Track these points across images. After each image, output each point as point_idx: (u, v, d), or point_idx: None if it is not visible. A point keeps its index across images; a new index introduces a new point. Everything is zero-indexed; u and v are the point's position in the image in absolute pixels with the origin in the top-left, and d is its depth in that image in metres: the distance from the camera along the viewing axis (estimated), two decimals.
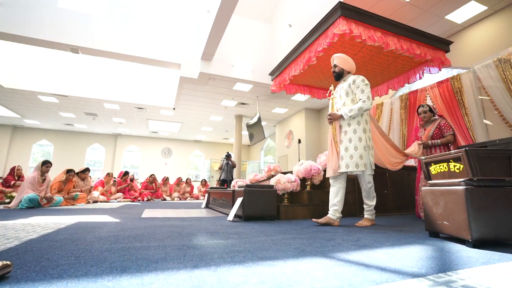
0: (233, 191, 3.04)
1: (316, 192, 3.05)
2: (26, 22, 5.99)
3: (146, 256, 1.14)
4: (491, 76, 4.44)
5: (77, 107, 10.40)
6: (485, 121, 4.31)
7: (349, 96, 2.44)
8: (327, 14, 3.88)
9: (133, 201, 6.69)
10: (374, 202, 2.46)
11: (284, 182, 2.96)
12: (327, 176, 2.50)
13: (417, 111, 3.29)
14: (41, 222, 2.31)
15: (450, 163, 1.59)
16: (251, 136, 9.95)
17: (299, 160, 9.19)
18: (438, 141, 2.95)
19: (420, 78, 4.99)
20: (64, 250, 1.23)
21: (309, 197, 2.97)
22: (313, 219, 2.47)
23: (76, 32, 6.29)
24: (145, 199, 7.02)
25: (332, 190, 2.47)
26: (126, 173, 7.35)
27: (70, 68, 8.61)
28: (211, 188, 4.73)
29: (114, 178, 7.15)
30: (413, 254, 1.23)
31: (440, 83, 5.16)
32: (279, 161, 12.29)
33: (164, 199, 7.56)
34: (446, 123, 3.04)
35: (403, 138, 5.80)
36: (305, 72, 4.99)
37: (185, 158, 16.81)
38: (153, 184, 7.51)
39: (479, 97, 4.47)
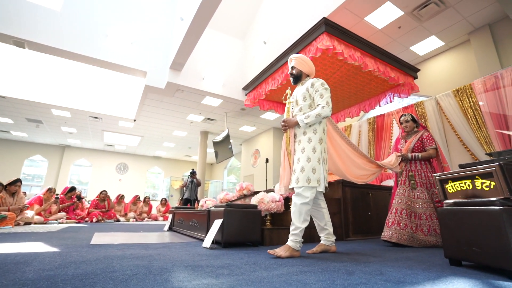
0: (209, 211, 2.59)
1: None
2: None
3: None
4: (451, 105, 4.74)
5: (17, 111, 8.99)
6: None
7: (306, 100, 2.16)
8: (310, 29, 3.82)
9: (79, 222, 5.68)
10: (332, 228, 2.18)
11: (268, 202, 2.61)
12: (280, 193, 2.18)
13: (399, 120, 3.06)
14: None
15: (475, 180, 1.41)
16: (217, 154, 9.47)
17: (266, 180, 8.92)
18: (419, 154, 2.72)
19: (391, 101, 5.17)
20: None
21: None
22: (270, 252, 1.93)
23: (24, 24, 5.46)
24: (94, 219, 6.01)
25: (319, 214, 2.17)
26: (73, 189, 6.31)
27: (12, 64, 7.45)
28: (177, 208, 4.16)
29: (57, 194, 6.08)
30: None
31: (405, 109, 5.41)
32: (244, 180, 11.90)
33: (118, 220, 6.59)
34: (429, 136, 2.81)
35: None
36: (283, 87, 4.85)
37: (142, 175, 15.51)
38: (105, 203, 6.53)
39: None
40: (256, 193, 4.70)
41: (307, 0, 5.80)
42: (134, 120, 9.50)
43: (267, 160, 10.29)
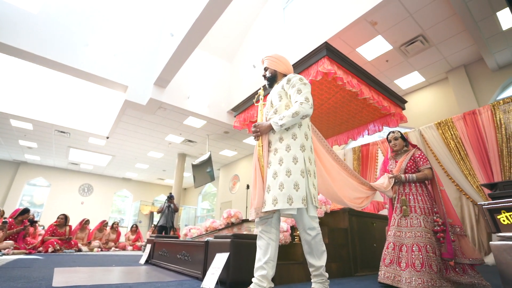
0: (207, 242, 2.19)
1: None
2: None
3: None
4: (434, 137, 4.89)
5: None
6: None
7: (282, 100, 1.79)
8: (311, 52, 3.79)
9: (30, 253, 4.78)
10: (323, 261, 1.60)
11: None
12: (250, 219, 1.67)
13: (387, 138, 2.71)
14: None
15: None
16: (195, 178, 8.92)
17: (246, 207, 8.50)
18: (414, 175, 2.35)
19: (380, 130, 5.24)
20: None
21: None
22: None
23: None
24: (51, 249, 5.09)
25: (260, 244, 1.60)
26: (25, 211, 5.39)
27: None
28: (157, 236, 3.63)
29: (5, 218, 5.16)
30: None
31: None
32: (221, 207, 11.31)
33: (79, 250, 5.68)
34: (422, 154, 2.47)
35: None
36: None
37: (108, 198, 14.21)
38: (65, 229, 5.62)
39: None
40: (244, 221, 4.32)
41: (302, 27, 5.94)
42: (107, 138, 8.79)
43: (247, 187, 9.91)
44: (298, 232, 2.59)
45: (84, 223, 6.50)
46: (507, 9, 4.00)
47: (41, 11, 5.47)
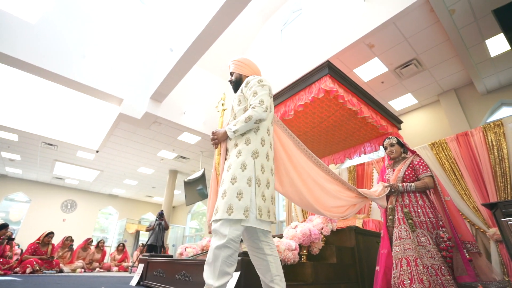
0: None
1: (319, 264, 2.33)
2: None
3: None
4: (429, 157, 4.95)
5: None
6: None
7: (241, 104, 1.67)
8: (313, 70, 3.86)
9: (5, 274, 4.38)
10: (222, 282, 1.28)
11: (285, 250, 2.18)
12: (208, 232, 1.52)
13: (383, 145, 2.53)
14: None
15: None
16: (187, 195, 8.64)
17: None
18: (413, 184, 2.11)
19: (376, 150, 5.28)
20: None
21: (315, 271, 2.22)
22: None
23: None
24: (29, 270, 4.68)
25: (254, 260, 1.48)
26: (4, 226, 5.01)
27: None
28: (152, 255, 3.41)
29: None
30: None
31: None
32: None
33: (61, 271, 5.24)
34: (422, 161, 2.25)
35: None
36: None
37: (92, 215, 13.55)
38: (48, 247, 5.21)
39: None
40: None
41: (300, 48, 6.10)
42: (97, 151, 8.51)
43: None
44: (304, 251, 2.48)
45: (66, 240, 6.08)
46: (496, 37, 4.25)
47: (40, 21, 5.43)
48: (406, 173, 2.21)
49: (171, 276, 2.56)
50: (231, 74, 1.90)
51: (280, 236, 2.57)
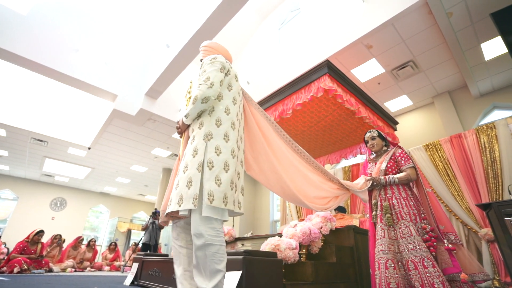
0: None
1: (319, 264, 2.31)
2: None
3: None
4: (423, 158, 5.02)
5: None
6: None
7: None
8: (312, 69, 3.85)
9: None
10: (212, 284, 1.18)
11: (285, 249, 2.15)
12: (160, 222, 1.47)
13: (364, 139, 2.47)
14: None
15: None
16: None
17: (233, 225, 8.20)
18: (395, 177, 2.06)
19: None
20: None
21: (315, 270, 2.20)
22: None
23: None
24: (16, 269, 4.52)
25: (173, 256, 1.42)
26: None
27: None
28: (146, 254, 3.34)
29: None
30: None
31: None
32: None
33: (50, 270, 5.09)
34: (403, 152, 2.20)
35: (347, 208, 5.82)
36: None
37: (83, 213, 13.28)
38: (37, 246, 5.04)
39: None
40: (238, 239, 4.11)
41: (299, 48, 6.09)
42: (89, 148, 8.34)
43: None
44: (304, 251, 2.47)
45: (55, 239, 5.91)
46: (491, 41, 4.32)
47: (31, 12, 5.27)
48: (388, 165, 2.17)
49: (168, 275, 2.51)
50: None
51: (280, 235, 2.55)
